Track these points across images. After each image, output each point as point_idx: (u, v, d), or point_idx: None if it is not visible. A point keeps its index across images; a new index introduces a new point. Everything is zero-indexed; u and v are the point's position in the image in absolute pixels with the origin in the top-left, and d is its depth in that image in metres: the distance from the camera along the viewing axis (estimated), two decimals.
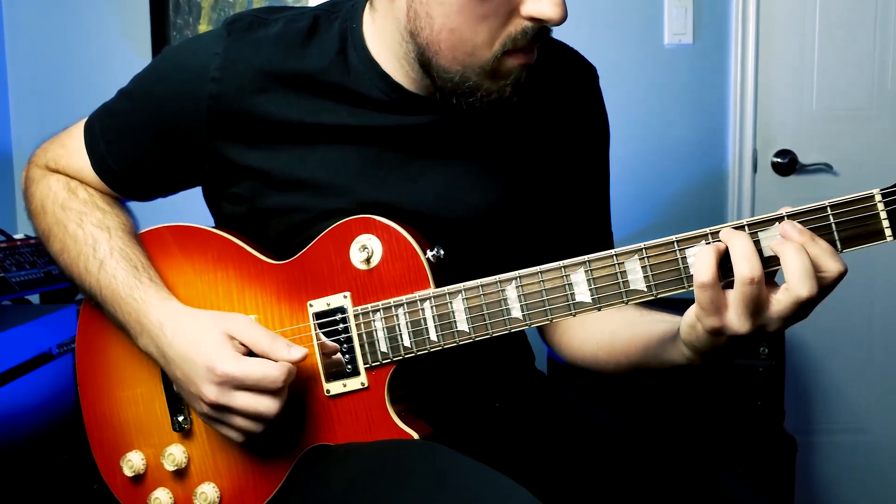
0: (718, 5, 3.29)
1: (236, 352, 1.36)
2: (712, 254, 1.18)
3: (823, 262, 1.16)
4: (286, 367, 1.34)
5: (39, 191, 1.60)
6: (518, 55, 1.35)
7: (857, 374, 3.47)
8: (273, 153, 1.46)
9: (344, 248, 1.40)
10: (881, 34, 3.31)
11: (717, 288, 1.17)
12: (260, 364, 1.34)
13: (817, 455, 3.50)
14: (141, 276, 1.47)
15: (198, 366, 1.36)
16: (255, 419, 1.36)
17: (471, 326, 1.34)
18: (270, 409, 1.35)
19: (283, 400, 1.36)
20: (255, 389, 1.34)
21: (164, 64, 1.56)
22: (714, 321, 1.18)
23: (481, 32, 1.32)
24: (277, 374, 1.33)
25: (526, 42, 1.33)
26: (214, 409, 1.37)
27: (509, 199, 1.51)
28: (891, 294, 3.41)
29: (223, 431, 1.40)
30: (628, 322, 1.49)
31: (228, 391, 1.34)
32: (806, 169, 3.35)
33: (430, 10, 1.32)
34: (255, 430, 1.37)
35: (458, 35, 1.32)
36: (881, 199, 1.16)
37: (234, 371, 1.33)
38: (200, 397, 1.37)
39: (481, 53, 1.33)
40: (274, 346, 1.37)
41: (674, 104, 3.32)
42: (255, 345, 1.37)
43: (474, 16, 1.30)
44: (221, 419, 1.38)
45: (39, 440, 2.20)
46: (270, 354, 1.36)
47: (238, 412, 1.36)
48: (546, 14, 1.29)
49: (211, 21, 3.21)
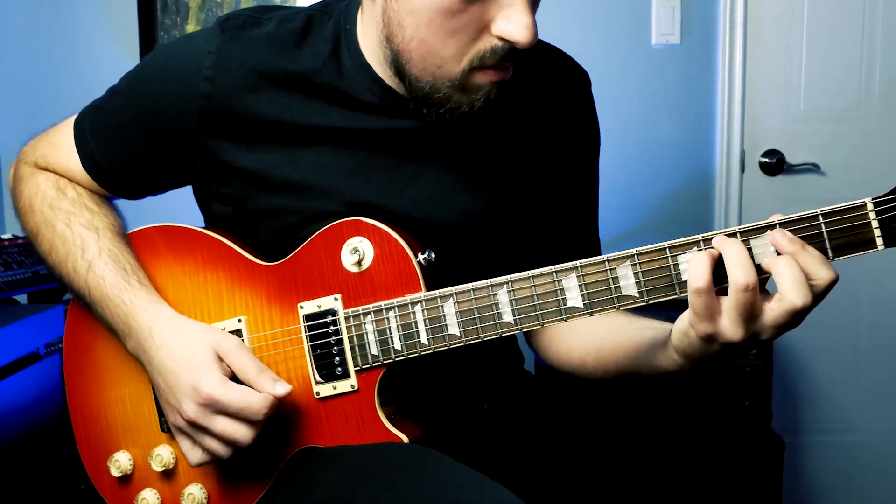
0: (706, 6, 3.30)
1: (223, 375, 1.36)
2: (707, 259, 1.18)
3: (814, 270, 1.16)
4: (269, 399, 1.33)
5: (28, 189, 1.59)
6: (488, 72, 1.34)
7: (844, 374, 3.49)
8: (265, 153, 1.45)
9: (335, 251, 1.40)
10: (868, 35, 3.33)
11: (711, 294, 1.17)
12: (244, 393, 1.33)
13: (805, 455, 3.52)
14: (130, 278, 1.46)
15: (182, 381, 1.36)
16: (228, 444, 1.36)
17: (462, 330, 1.33)
18: (245, 438, 1.34)
19: (258, 431, 1.35)
20: (235, 416, 1.34)
21: (156, 62, 1.54)
22: (708, 327, 1.19)
23: (450, 46, 1.31)
24: (260, 407, 1.33)
25: (495, 60, 1.32)
26: (190, 425, 1.37)
27: (500, 204, 1.51)
28: (877, 296, 3.43)
29: (185, 447, 1.40)
30: (617, 329, 1.49)
31: (209, 414, 1.34)
32: (793, 169, 3.36)
33: (402, 19, 1.31)
34: (224, 456, 1.37)
35: (426, 47, 1.31)
36: (873, 208, 1.16)
37: (219, 396, 1.33)
38: (179, 412, 1.36)
39: (450, 67, 1.33)
40: (260, 378, 1.36)
41: (661, 104, 3.33)
42: (242, 372, 1.36)
43: (443, 30, 1.29)
44: (193, 436, 1.38)
45: (26, 440, 2.19)
46: (255, 386, 1.35)
47: (214, 435, 1.36)
48: (515, 36, 1.28)
49: (199, 21, 3.21)
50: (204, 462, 1.39)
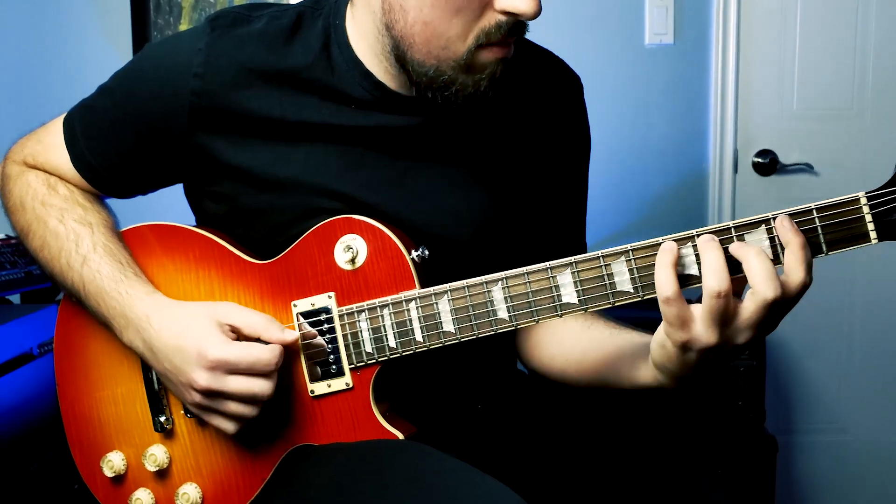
0: (699, 5, 3.30)
1: (225, 336, 1.36)
2: (671, 269, 1.19)
3: (794, 268, 1.17)
4: (277, 349, 1.34)
5: (18, 187, 1.58)
6: (493, 49, 1.34)
7: (837, 374, 3.49)
8: (255, 151, 1.45)
9: (328, 248, 1.40)
10: (862, 34, 3.33)
11: (681, 301, 1.19)
12: (251, 347, 1.34)
13: (798, 455, 3.52)
14: (126, 270, 1.46)
15: (188, 353, 1.35)
16: (249, 402, 1.35)
17: (457, 327, 1.33)
18: (265, 390, 1.34)
19: (274, 382, 1.35)
20: (247, 373, 1.34)
21: (145, 60, 1.54)
22: (682, 335, 1.20)
23: (455, 26, 1.31)
24: (270, 357, 1.33)
25: (500, 36, 1.32)
26: (207, 396, 1.36)
27: (490, 204, 1.51)
28: (871, 295, 3.43)
29: (215, 421, 1.39)
30: (599, 340, 1.50)
31: (221, 376, 1.34)
32: (787, 169, 3.36)
33: (404, 3, 1.31)
34: (250, 415, 1.36)
35: (431, 28, 1.31)
36: (866, 201, 1.17)
37: (227, 355, 1.33)
38: (191, 385, 1.35)
39: (455, 47, 1.33)
40: (270, 327, 1.37)
41: (654, 104, 3.33)
42: (250, 326, 1.37)
43: (448, 9, 1.29)
44: (214, 407, 1.37)
45: (20, 440, 2.18)
46: (265, 334, 1.36)
47: (232, 396, 1.35)
48: (519, 8, 1.28)
49: (192, 21, 3.20)
50: (239, 429, 1.39)
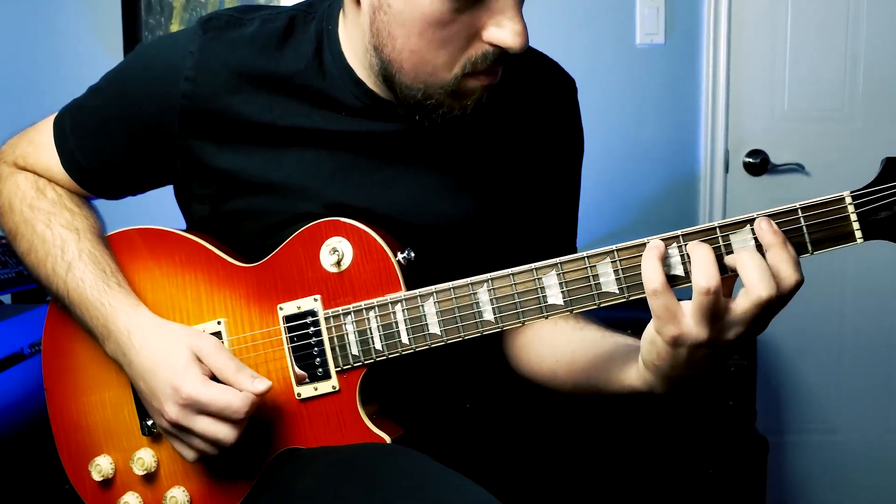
0: (690, 6, 3.31)
1: (203, 375, 1.35)
2: (657, 261, 1.19)
3: (783, 268, 1.16)
4: (250, 398, 1.33)
5: (7, 188, 1.58)
6: (479, 77, 1.34)
7: (827, 374, 3.50)
8: (246, 155, 1.45)
9: (314, 251, 1.40)
10: (853, 35, 3.33)
11: (668, 293, 1.18)
12: (224, 392, 1.33)
13: (789, 455, 3.52)
14: (109, 280, 1.46)
15: (162, 383, 1.35)
16: (212, 444, 1.35)
17: (442, 329, 1.33)
18: (228, 438, 1.34)
19: (241, 429, 1.35)
20: (217, 416, 1.33)
21: (137, 61, 1.53)
22: (672, 329, 1.18)
23: (442, 55, 1.31)
24: (240, 405, 1.32)
25: (487, 65, 1.32)
26: (174, 426, 1.36)
27: (481, 208, 1.51)
28: (861, 296, 3.44)
29: (177, 447, 1.40)
30: (591, 341, 1.48)
31: (190, 414, 1.34)
32: (778, 169, 3.36)
33: (392, 31, 1.31)
34: (211, 454, 1.37)
35: (418, 56, 1.31)
36: (851, 201, 1.17)
37: (199, 396, 1.32)
38: (162, 414, 1.36)
39: (442, 75, 1.33)
40: (238, 376, 1.35)
41: (646, 104, 3.33)
42: (221, 372, 1.36)
43: (435, 40, 1.29)
44: (179, 437, 1.38)
45: (11, 440, 2.18)
46: (234, 384, 1.35)
47: (197, 435, 1.35)
48: (506, 42, 1.28)
49: (183, 21, 3.20)
50: (197, 459, 1.39)
